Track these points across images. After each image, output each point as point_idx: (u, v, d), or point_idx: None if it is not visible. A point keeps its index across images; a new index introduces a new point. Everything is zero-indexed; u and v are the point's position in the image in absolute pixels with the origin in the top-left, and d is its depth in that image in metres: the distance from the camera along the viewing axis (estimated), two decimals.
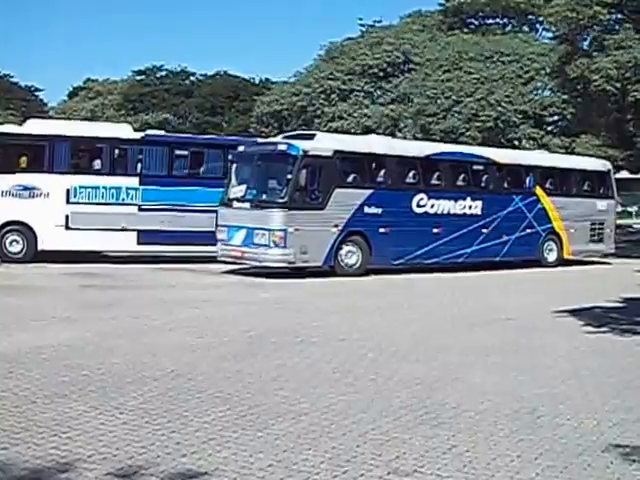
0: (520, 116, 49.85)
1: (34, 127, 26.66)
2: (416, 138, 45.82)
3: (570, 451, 7.63)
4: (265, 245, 22.61)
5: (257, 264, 23.26)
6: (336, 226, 23.51)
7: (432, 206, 25.96)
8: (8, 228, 25.12)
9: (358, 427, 8.15)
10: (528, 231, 28.53)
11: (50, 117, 64.40)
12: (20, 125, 29.57)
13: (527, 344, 13.36)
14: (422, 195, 25.71)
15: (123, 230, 25.50)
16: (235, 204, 23.84)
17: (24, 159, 25.85)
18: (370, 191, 24.53)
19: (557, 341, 13.72)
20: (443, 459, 7.30)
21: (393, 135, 48.22)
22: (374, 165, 25.27)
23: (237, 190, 24.22)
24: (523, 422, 8.57)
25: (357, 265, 24.01)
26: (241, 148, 25.26)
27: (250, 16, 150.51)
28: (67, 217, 25.18)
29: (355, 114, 56.49)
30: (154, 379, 9.98)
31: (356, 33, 64.11)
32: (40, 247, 25.26)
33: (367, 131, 46.40)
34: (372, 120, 54.94)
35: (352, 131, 50.74)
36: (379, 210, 24.48)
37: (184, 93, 77.36)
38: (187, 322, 14.60)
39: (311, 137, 24.82)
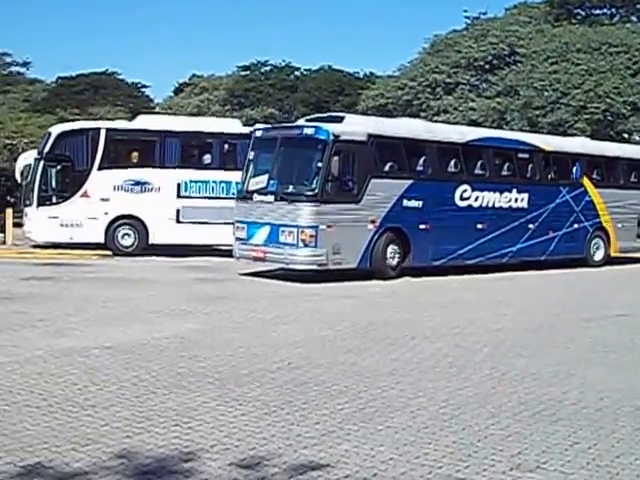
0: (629, 108, 48.87)
1: (145, 123, 27.15)
2: (523, 131, 45.22)
3: None
4: (292, 244, 19.80)
5: (282, 266, 20.68)
6: (373, 222, 20.74)
7: (476, 199, 23.34)
8: (120, 222, 25.61)
9: (477, 422, 8.07)
10: (575, 226, 25.91)
11: (157, 113, 65.29)
12: (130, 121, 30.11)
13: None
14: (465, 186, 23.07)
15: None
16: (256, 197, 20.91)
17: (135, 154, 26.37)
18: (409, 182, 21.73)
19: None
20: (566, 455, 7.17)
21: (500, 129, 47.76)
22: (412, 152, 22.32)
23: (258, 181, 21.27)
24: None
25: (398, 266, 21.37)
26: (259, 133, 22.46)
27: (353, 9, 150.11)
28: (178, 211, 25.58)
29: (461, 107, 55.98)
30: (270, 371, 10.05)
31: (461, 25, 63.51)
32: (151, 241, 25.72)
33: (473, 125, 46.05)
34: (478, 113, 54.44)
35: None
36: (419, 203, 21.75)
37: (289, 88, 77.62)
38: (299, 315, 14.70)
39: (340, 120, 21.56)
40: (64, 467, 6.49)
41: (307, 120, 23.08)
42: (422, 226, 21.64)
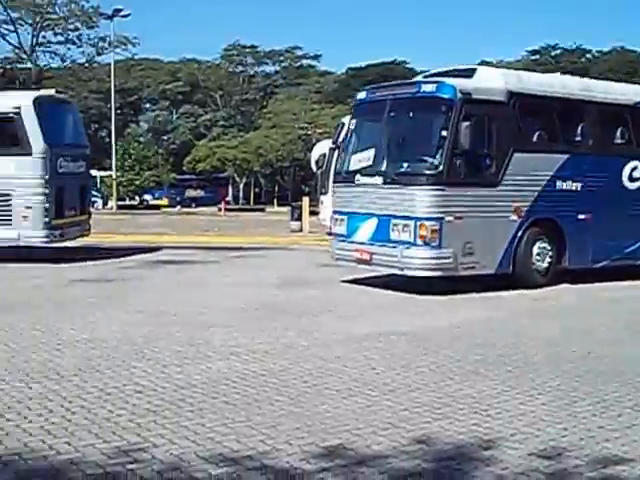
0: None
1: None
2: None
3: None
4: (408, 243, 15.15)
5: (395, 272, 15.86)
6: (517, 211, 15.92)
7: None
8: None
9: None
10: None
11: None
12: None
13: None
14: (636, 163, 17.76)
15: None
16: (359, 179, 16.37)
17: None
18: (565, 156, 16.66)
19: None
20: None
21: None
22: (567, 116, 17.14)
23: (361, 158, 16.75)
24: None
25: (549, 270, 16.57)
26: (362, 95, 17.55)
27: None
28: None
29: None
30: (568, 361, 9.84)
31: None
32: None
33: None
34: None
35: None
36: (577, 185, 16.75)
37: (580, 71, 75.73)
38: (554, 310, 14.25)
39: (470, 74, 16.48)
40: (365, 450, 6.60)
41: (426, 77, 17.95)
42: (581, 216, 16.80)
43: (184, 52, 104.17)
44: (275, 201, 78.47)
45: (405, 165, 15.63)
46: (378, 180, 15.80)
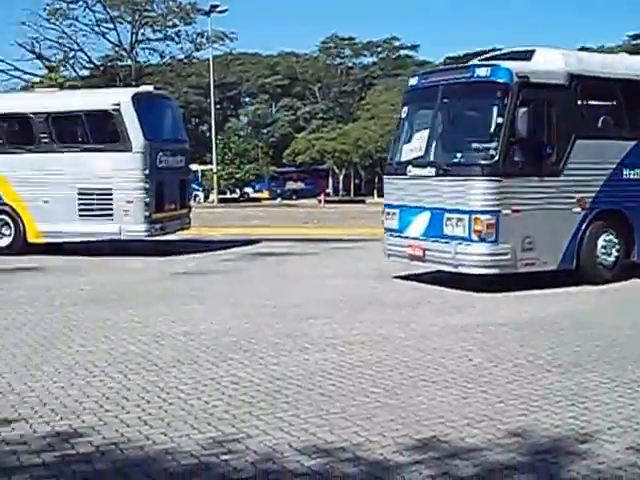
0: None
1: None
2: None
3: None
4: (462, 238, 14.17)
5: (449, 269, 14.89)
6: (580, 203, 14.69)
7: None
8: None
9: None
10: None
11: None
12: None
13: None
14: None
15: None
16: (411, 170, 15.36)
17: None
18: (632, 143, 15.32)
19: None
20: None
21: None
22: (634, 99, 15.43)
23: (412, 148, 15.70)
24: None
25: (616, 265, 15.32)
26: (414, 80, 16.47)
27: None
28: None
29: None
30: None
31: None
32: None
33: None
34: None
35: None
36: None
37: None
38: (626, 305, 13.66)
39: (528, 56, 15.13)
40: (459, 442, 6.56)
41: (481, 60, 16.61)
42: None
43: (282, 46, 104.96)
44: (375, 192, 78.29)
45: (459, 155, 14.73)
46: (430, 171, 14.82)
